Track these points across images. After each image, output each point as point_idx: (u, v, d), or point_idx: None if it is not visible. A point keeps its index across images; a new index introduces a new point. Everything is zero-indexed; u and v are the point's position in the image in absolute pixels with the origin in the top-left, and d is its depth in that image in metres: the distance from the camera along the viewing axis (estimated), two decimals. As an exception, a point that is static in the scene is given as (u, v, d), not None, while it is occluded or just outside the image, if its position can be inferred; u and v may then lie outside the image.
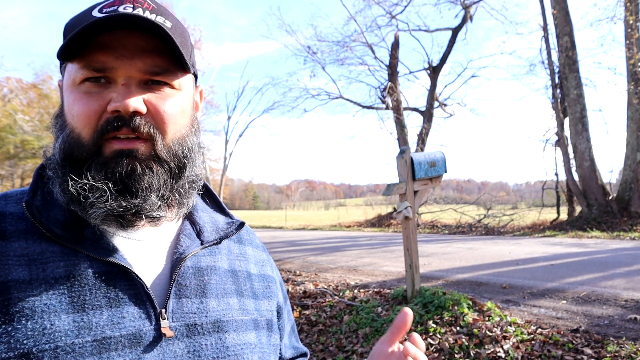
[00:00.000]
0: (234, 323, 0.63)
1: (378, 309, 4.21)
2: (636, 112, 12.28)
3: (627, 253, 7.33)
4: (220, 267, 0.66)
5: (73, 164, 0.56)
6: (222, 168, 35.92)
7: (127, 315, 0.54)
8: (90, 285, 0.53)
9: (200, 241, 0.66)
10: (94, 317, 0.52)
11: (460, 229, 14.53)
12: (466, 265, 6.85)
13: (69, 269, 0.53)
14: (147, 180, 0.57)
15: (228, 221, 0.74)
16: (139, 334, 0.53)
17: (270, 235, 15.22)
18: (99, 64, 0.55)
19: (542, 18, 14.22)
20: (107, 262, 0.55)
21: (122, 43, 0.56)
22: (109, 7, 0.56)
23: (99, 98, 0.56)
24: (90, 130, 0.55)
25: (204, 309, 0.60)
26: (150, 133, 0.57)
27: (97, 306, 0.52)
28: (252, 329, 0.65)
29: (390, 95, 17.62)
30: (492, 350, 3.18)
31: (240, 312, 0.65)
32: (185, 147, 0.61)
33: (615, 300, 4.34)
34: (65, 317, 0.50)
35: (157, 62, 0.57)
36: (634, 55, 12.14)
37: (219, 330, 0.60)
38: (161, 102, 0.58)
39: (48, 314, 0.50)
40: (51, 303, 0.50)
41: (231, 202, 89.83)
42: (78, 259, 0.54)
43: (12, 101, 25.36)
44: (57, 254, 0.54)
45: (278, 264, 7.89)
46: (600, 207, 12.47)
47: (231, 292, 0.65)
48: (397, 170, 4.25)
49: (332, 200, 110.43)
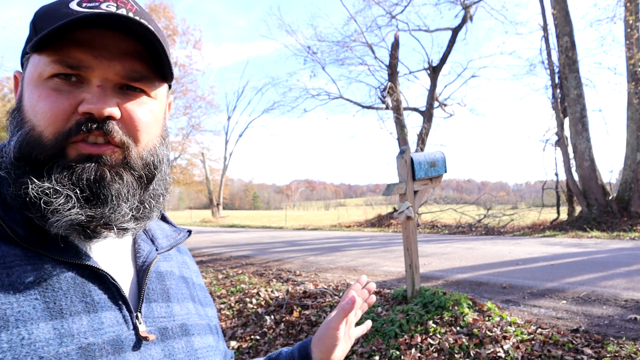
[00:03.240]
0: (196, 327, 0.64)
1: (378, 309, 4.21)
2: (636, 112, 12.28)
3: (627, 253, 7.33)
4: (175, 272, 0.68)
5: (30, 164, 0.51)
6: (222, 168, 36.00)
7: (106, 320, 0.51)
8: (64, 290, 0.49)
9: (155, 247, 0.66)
10: (74, 324, 0.48)
11: (460, 229, 14.52)
12: (466, 265, 6.85)
13: (39, 273, 0.49)
14: (117, 188, 0.53)
15: (173, 229, 0.74)
16: (120, 339, 0.52)
17: (270, 235, 15.22)
18: (74, 61, 0.51)
19: (542, 18, 14.23)
20: (78, 265, 0.52)
21: (103, 43, 0.52)
22: (89, 2, 0.53)
23: (69, 97, 0.51)
24: (54, 130, 0.50)
25: (171, 313, 0.61)
26: (123, 141, 0.54)
27: (75, 312, 0.49)
28: (209, 333, 0.68)
29: (390, 95, 17.62)
30: (492, 350, 3.18)
31: (197, 316, 0.67)
32: (156, 158, 0.58)
33: (615, 300, 4.34)
34: (44, 325, 0.46)
35: (136, 68, 0.54)
36: (634, 55, 12.14)
37: (186, 334, 0.62)
38: (136, 110, 0.55)
39: (24, 323, 0.45)
40: (25, 310, 0.46)
41: (231, 202, 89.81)
42: (44, 262, 0.50)
43: (12, 101, 25.36)
44: (21, 257, 0.49)
45: (278, 264, 7.90)
46: (600, 207, 12.47)
47: (187, 297, 0.67)
48: (397, 170, 4.25)
49: (332, 200, 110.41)
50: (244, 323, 4.70)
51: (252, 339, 4.26)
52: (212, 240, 13.37)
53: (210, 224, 25.96)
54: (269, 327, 4.40)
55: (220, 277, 6.95)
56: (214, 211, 34.20)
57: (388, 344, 3.54)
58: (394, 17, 17.51)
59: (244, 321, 4.74)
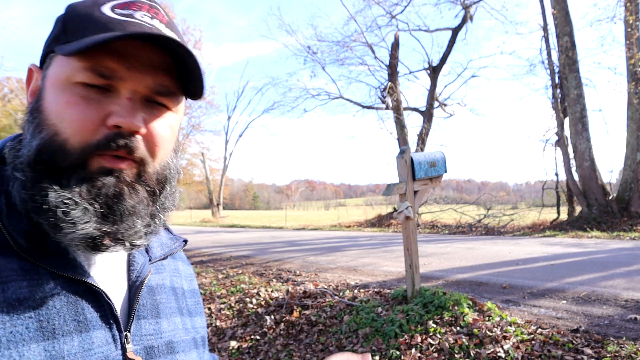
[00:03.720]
0: (182, 343, 0.63)
1: (378, 309, 4.21)
2: (636, 112, 12.28)
3: (627, 253, 7.33)
4: (166, 285, 0.66)
5: (50, 170, 0.49)
6: (222, 168, 36.00)
7: (96, 340, 0.50)
8: (57, 308, 0.48)
9: (149, 257, 0.64)
10: (65, 345, 0.47)
11: (460, 229, 14.53)
12: (466, 265, 6.86)
13: (34, 289, 0.47)
14: (133, 205, 0.52)
15: (170, 237, 0.72)
16: (107, 359, 0.51)
17: (270, 235, 15.22)
18: (107, 71, 0.49)
19: (542, 18, 14.23)
20: (74, 280, 0.50)
21: (135, 54, 0.51)
22: (122, 9, 0.52)
23: (98, 107, 0.50)
24: (81, 140, 0.49)
25: (159, 330, 0.60)
26: (142, 157, 0.53)
27: (67, 332, 0.48)
28: (193, 348, 0.66)
29: (390, 95, 17.63)
30: (492, 350, 3.18)
31: (184, 331, 0.65)
32: (168, 172, 0.58)
33: (615, 300, 4.34)
34: (35, 347, 0.45)
35: (165, 82, 0.54)
36: (634, 55, 12.14)
37: (172, 352, 0.60)
38: (159, 126, 0.54)
39: (15, 344, 0.44)
40: (17, 330, 0.44)
41: (231, 202, 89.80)
42: (41, 276, 0.48)
43: (13, 101, 25.37)
44: (17, 271, 0.47)
45: (278, 264, 7.90)
46: (600, 207, 12.47)
47: (175, 310, 0.65)
48: (397, 170, 4.25)
49: (332, 200, 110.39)
50: (244, 323, 4.70)
51: (252, 339, 4.26)
52: (212, 240, 13.37)
53: (210, 224, 25.96)
54: (269, 327, 4.40)
55: (220, 277, 6.95)
56: (214, 211, 34.20)
57: (388, 344, 3.54)
58: (394, 17, 17.51)
59: (244, 321, 4.74)
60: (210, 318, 5.01)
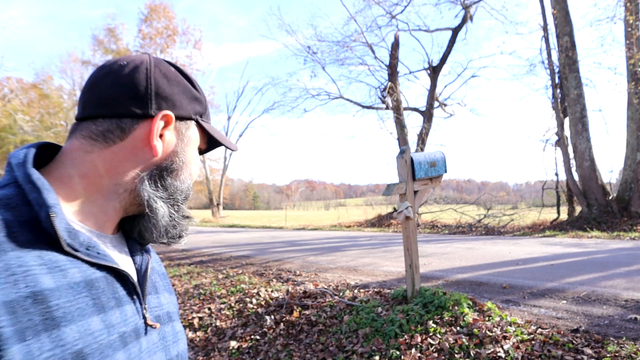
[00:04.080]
0: (174, 314, 0.79)
1: (378, 309, 4.21)
2: (636, 112, 12.28)
3: (627, 253, 7.33)
4: (155, 267, 0.81)
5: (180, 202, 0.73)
6: (222, 168, 36.00)
7: (128, 312, 0.63)
8: (102, 288, 0.60)
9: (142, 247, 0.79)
10: (112, 316, 0.59)
11: (460, 229, 14.53)
12: (466, 265, 6.86)
13: (83, 274, 0.58)
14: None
15: None
16: (137, 327, 0.64)
17: (270, 235, 15.22)
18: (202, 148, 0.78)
19: (542, 18, 14.23)
20: (106, 267, 0.62)
21: None
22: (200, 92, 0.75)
23: None
24: None
25: (160, 303, 0.74)
26: None
27: (110, 306, 0.60)
28: (178, 319, 0.81)
29: (390, 95, 17.63)
30: (492, 350, 3.18)
31: (173, 305, 0.81)
32: None
33: (615, 300, 4.34)
34: (95, 318, 0.56)
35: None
36: (634, 55, 12.14)
37: (171, 320, 0.76)
38: None
39: (83, 317, 0.55)
40: (81, 307, 0.55)
41: (231, 202, 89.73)
42: (82, 264, 0.59)
43: (13, 101, 25.33)
44: (65, 261, 0.58)
45: (278, 264, 7.90)
46: (600, 207, 12.47)
47: (164, 288, 0.80)
48: (397, 170, 4.25)
49: (332, 200, 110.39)
50: (244, 323, 4.70)
51: (252, 339, 4.26)
52: (212, 240, 13.37)
53: (210, 224, 25.96)
54: (269, 327, 4.40)
55: (220, 277, 6.95)
56: (214, 211, 34.19)
57: (388, 344, 3.54)
58: (394, 17, 17.52)
59: (244, 321, 4.74)
60: (210, 318, 5.01)
